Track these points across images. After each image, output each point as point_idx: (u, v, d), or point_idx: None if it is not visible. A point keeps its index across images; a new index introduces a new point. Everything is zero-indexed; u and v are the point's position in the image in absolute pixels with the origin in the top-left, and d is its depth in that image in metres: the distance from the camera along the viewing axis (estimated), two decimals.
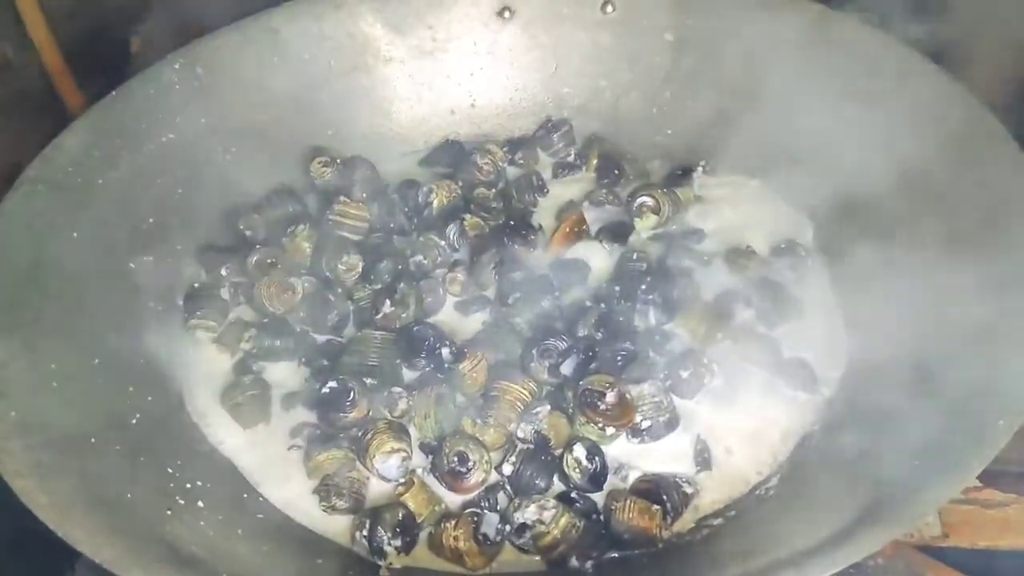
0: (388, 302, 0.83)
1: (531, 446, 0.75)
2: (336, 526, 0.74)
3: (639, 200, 0.90)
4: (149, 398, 0.78)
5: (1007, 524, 0.82)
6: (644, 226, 0.90)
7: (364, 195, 0.93)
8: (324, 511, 0.74)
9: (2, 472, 0.63)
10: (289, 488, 0.76)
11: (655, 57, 1.00)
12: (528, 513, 0.70)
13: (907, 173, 0.82)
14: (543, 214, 0.95)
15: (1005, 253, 0.69)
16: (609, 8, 1.01)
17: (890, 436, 0.68)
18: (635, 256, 0.87)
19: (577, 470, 0.73)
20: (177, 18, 1.22)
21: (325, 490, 0.74)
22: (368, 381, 0.79)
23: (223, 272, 0.89)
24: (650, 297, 0.82)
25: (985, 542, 0.81)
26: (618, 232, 0.90)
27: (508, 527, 0.70)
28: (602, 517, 0.72)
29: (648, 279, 0.83)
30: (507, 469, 0.74)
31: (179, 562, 0.63)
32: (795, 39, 0.92)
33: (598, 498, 0.73)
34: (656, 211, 0.90)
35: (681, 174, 0.96)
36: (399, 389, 0.78)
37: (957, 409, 0.62)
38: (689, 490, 0.73)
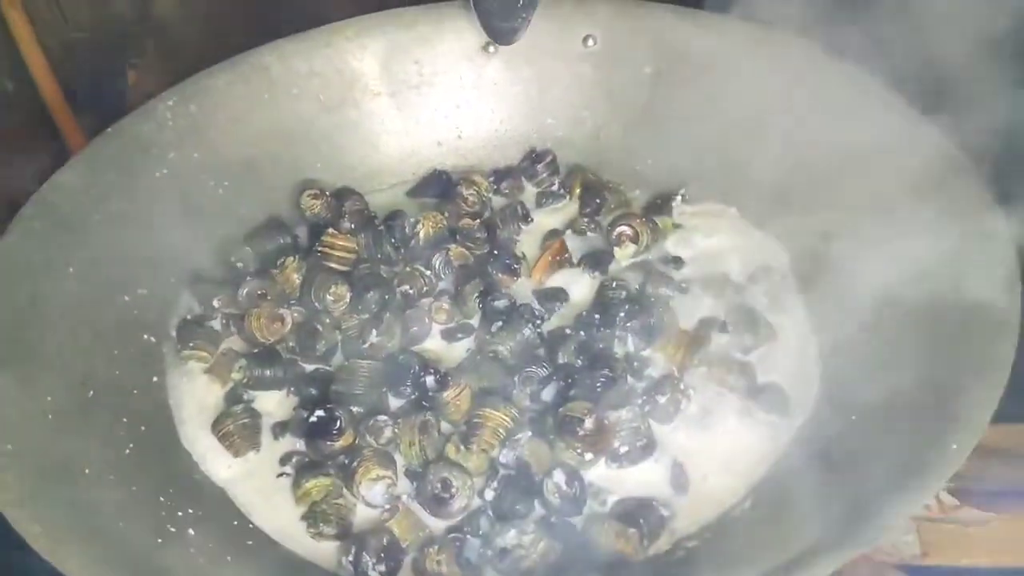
0: (375, 331, 0.85)
1: (512, 472, 0.77)
2: (323, 552, 0.75)
3: (618, 229, 0.92)
4: (142, 428, 0.79)
5: (986, 542, 0.83)
6: (623, 255, 0.93)
7: (352, 227, 0.95)
8: (312, 537, 0.75)
9: None
10: (278, 515, 0.77)
11: (635, 89, 1.03)
12: (508, 538, 0.71)
13: (879, 205, 0.83)
14: (527, 243, 0.97)
15: (966, 288, 0.71)
16: (591, 42, 1.04)
17: (858, 458, 0.70)
18: (614, 284, 0.89)
19: (557, 495, 0.74)
20: (173, 51, 1.25)
21: (313, 517, 0.76)
22: (355, 410, 0.81)
23: (215, 303, 0.90)
24: (629, 324, 0.84)
25: (965, 560, 0.82)
26: (598, 260, 0.92)
27: (490, 551, 0.72)
28: (581, 541, 0.73)
29: (627, 307, 0.85)
30: (489, 495, 0.76)
31: None
32: (769, 71, 0.94)
33: (577, 522, 0.75)
34: (635, 240, 0.92)
35: (660, 203, 0.98)
36: (384, 417, 0.80)
37: (916, 433, 0.64)
38: (666, 513, 0.74)
